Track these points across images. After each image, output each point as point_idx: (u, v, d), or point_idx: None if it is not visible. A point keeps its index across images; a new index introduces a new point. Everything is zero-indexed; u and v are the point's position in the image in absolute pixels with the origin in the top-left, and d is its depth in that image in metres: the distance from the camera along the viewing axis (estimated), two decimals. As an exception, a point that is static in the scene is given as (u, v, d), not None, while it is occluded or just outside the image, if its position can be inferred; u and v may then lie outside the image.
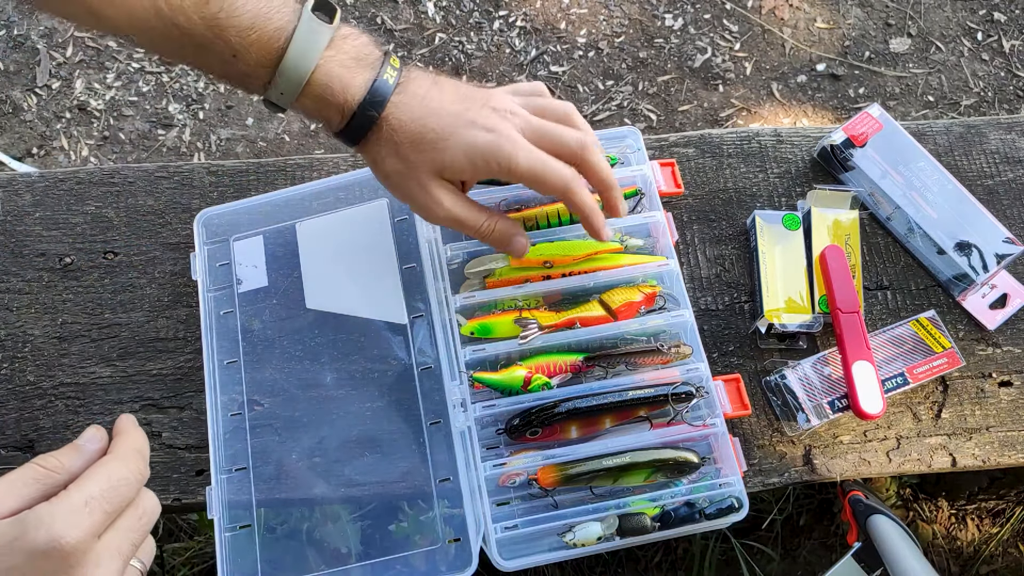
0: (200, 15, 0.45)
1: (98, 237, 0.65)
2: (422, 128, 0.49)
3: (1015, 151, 0.71)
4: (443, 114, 0.50)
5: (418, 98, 0.50)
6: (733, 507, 0.53)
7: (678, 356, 0.56)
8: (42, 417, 0.60)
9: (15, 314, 0.62)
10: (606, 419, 0.55)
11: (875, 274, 0.66)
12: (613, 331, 0.57)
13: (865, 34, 1.58)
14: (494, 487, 0.54)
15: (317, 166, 0.67)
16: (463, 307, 0.58)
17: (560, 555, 0.53)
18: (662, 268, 0.59)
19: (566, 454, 0.54)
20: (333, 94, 0.48)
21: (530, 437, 0.54)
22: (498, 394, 0.56)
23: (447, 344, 0.58)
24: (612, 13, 1.59)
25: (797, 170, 0.69)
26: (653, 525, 0.53)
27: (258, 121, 1.48)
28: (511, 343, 0.57)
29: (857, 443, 0.61)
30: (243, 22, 0.46)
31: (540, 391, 0.56)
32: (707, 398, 0.56)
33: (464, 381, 0.56)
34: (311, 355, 0.60)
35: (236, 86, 0.50)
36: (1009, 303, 0.65)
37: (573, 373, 0.56)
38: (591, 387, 0.56)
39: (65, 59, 1.48)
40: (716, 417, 0.56)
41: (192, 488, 0.59)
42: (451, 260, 0.60)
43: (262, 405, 0.59)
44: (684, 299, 0.59)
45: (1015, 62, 1.56)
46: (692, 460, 0.54)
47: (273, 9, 0.47)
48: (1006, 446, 0.62)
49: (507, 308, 0.58)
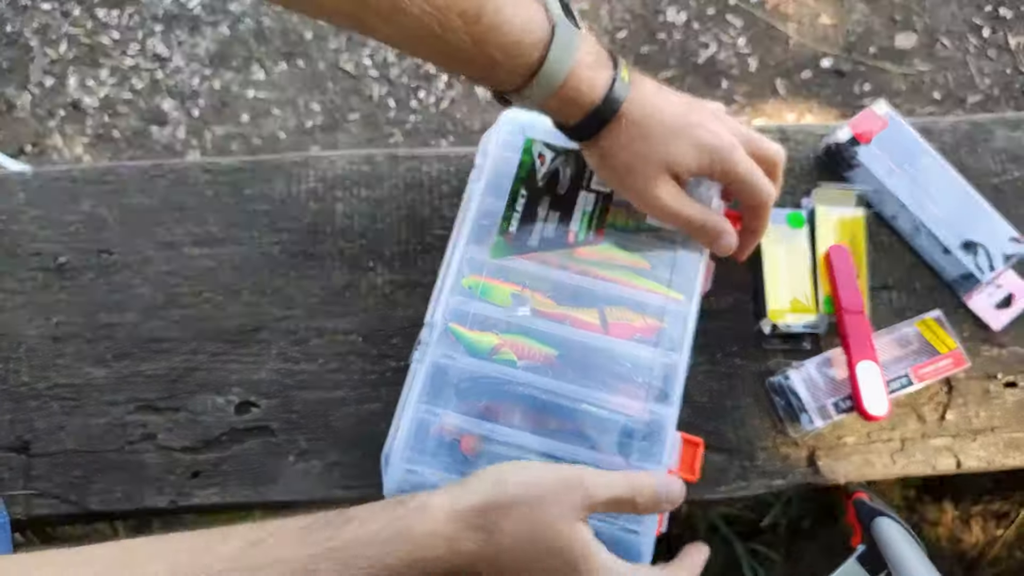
0: (469, 33, 0.47)
1: (92, 236, 0.64)
2: (654, 123, 0.52)
3: (1022, 149, 0.70)
4: (672, 112, 0.53)
5: (649, 96, 0.52)
6: (631, 555, 0.50)
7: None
8: (36, 418, 0.59)
9: (8, 314, 0.62)
10: (552, 420, 0.54)
11: (880, 274, 0.65)
12: (599, 343, 0.56)
13: (870, 30, 1.57)
14: (421, 428, 0.53)
15: (313, 163, 0.67)
16: (471, 259, 0.57)
17: None
18: (675, 306, 0.57)
19: (497, 434, 0.53)
20: (580, 94, 0.50)
21: (473, 402, 0.54)
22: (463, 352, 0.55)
23: (440, 286, 0.57)
24: (614, 8, 1.58)
25: (801, 168, 0.68)
26: None
27: (253, 118, 1.47)
28: (499, 310, 0.56)
29: (861, 445, 0.61)
30: (509, 40, 0.48)
31: (502, 366, 0.54)
32: (656, 445, 0.53)
33: (439, 325, 0.55)
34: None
35: (484, 86, 0.54)
36: (1015, 303, 0.64)
37: (542, 364, 0.55)
38: (551, 385, 0.54)
39: (58, 56, 1.48)
40: (657, 465, 0.53)
41: (187, 490, 0.58)
42: (482, 215, 0.59)
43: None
44: (684, 346, 0.56)
45: (1021, 59, 1.55)
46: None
47: (533, 22, 0.49)
48: (1012, 448, 0.61)
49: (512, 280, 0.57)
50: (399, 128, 1.52)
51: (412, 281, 0.63)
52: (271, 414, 0.60)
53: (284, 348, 0.61)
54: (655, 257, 0.59)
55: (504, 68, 0.49)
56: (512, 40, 0.48)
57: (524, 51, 0.49)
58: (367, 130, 1.52)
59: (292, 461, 0.59)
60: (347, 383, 0.61)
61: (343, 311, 0.62)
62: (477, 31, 0.47)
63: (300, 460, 0.59)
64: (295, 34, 1.58)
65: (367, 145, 1.50)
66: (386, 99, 1.54)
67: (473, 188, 0.60)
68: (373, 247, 0.64)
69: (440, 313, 0.55)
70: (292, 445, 0.59)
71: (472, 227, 0.58)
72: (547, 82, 0.49)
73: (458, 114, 1.50)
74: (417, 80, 1.55)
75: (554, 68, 0.49)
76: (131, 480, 0.58)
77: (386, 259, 0.64)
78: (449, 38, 0.47)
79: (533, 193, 0.59)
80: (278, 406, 0.60)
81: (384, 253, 0.64)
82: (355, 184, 0.66)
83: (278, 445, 0.59)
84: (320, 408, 0.60)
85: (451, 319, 0.55)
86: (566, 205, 0.60)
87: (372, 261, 0.64)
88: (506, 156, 0.60)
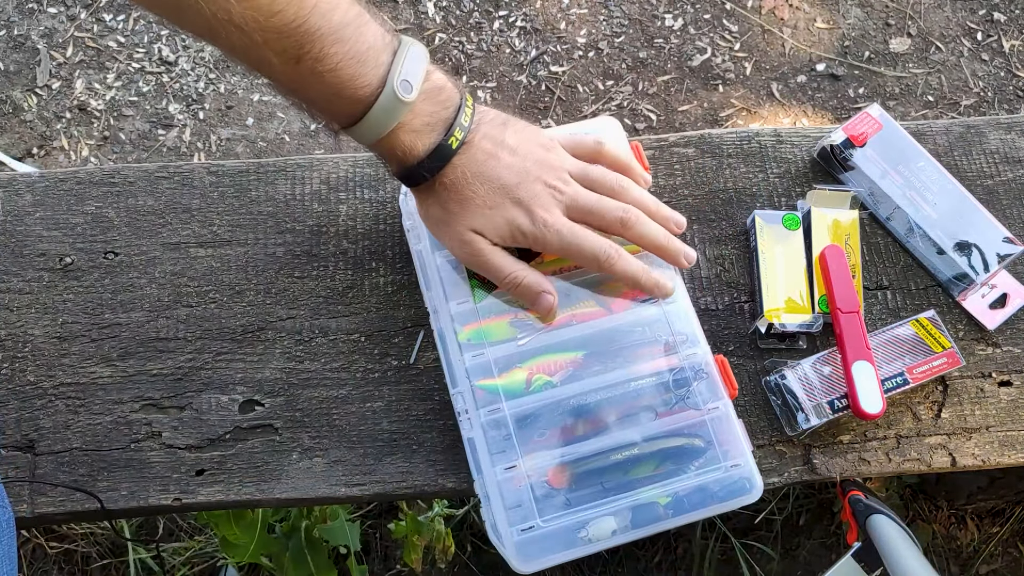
0: (286, 73, 0.46)
1: (98, 237, 0.65)
2: (472, 192, 0.52)
3: (1015, 151, 0.71)
4: (495, 184, 0.52)
5: (477, 163, 0.52)
6: (744, 488, 0.53)
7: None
8: (42, 417, 0.60)
9: (15, 314, 0.63)
10: (611, 413, 0.55)
11: (875, 274, 0.66)
12: (609, 324, 0.57)
13: (865, 34, 1.58)
14: (508, 490, 0.54)
15: (317, 166, 0.68)
16: (458, 313, 0.58)
17: (578, 552, 0.53)
18: (655, 258, 0.59)
19: (574, 453, 0.54)
20: (395, 155, 0.51)
21: (538, 439, 0.55)
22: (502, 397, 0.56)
23: (444, 352, 0.58)
24: (612, 13, 1.59)
25: (797, 170, 0.69)
26: (666, 513, 0.53)
27: (258, 121, 1.48)
28: (510, 344, 0.57)
29: (857, 443, 0.61)
30: (325, 92, 0.48)
31: (543, 391, 0.56)
32: (708, 380, 0.56)
33: (467, 388, 0.56)
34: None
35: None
36: (1009, 303, 0.65)
37: (574, 369, 0.56)
38: (593, 383, 0.56)
39: (65, 59, 1.48)
40: (719, 400, 0.56)
41: (192, 488, 0.59)
42: (441, 268, 0.59)
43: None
44: (679, 286, 0.59)
45: (1015, 62, 1.56)
46: (698, 445, 0.54)
47: (361, 79, 0.48)
48: (1006, 446, 0.62)
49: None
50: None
51: (414, 282, 0.64)
52: (275, 413, 0.61)
53: (288, 347, 0.62)
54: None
55: (322, 111, 0.50)
56: (329, 93, 0.47)
57: (342, 106, 0.48)
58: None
59: (296, 459, 0.59)
60: (350, 382, 0.61)
61: (346, 311, 0.63)
62: (295, 72, 0.46)
63: (304, 458, 0.60)
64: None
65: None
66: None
67: (418, 250, 0.61)
68: (376, 248, 0.65)
69: (460, 378, 0.56)
70: (296, 443, 0.60)
71: (442, 288, 0.58)
72: (362, 137, 0.50)
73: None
74: (416, 84, 1.56)
75: (370, 126, 0.49)
76: (136, 478, 0.59)
77: (388, 260, 0.65)
78: (265, 71, 0.47)
79: None
80: (282, 405, 0.61)
81: (387, 254, 0.65)
82: (358, 186, 0.67)
83: (282, 443, 0.60)
84: (324, 407, 0.61)
85: (475, 378, 0.56)
86: None
87: (375, 262, 0.65)
88: None
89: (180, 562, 1.03)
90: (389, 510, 1.09)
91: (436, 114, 0.51)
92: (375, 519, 1.10)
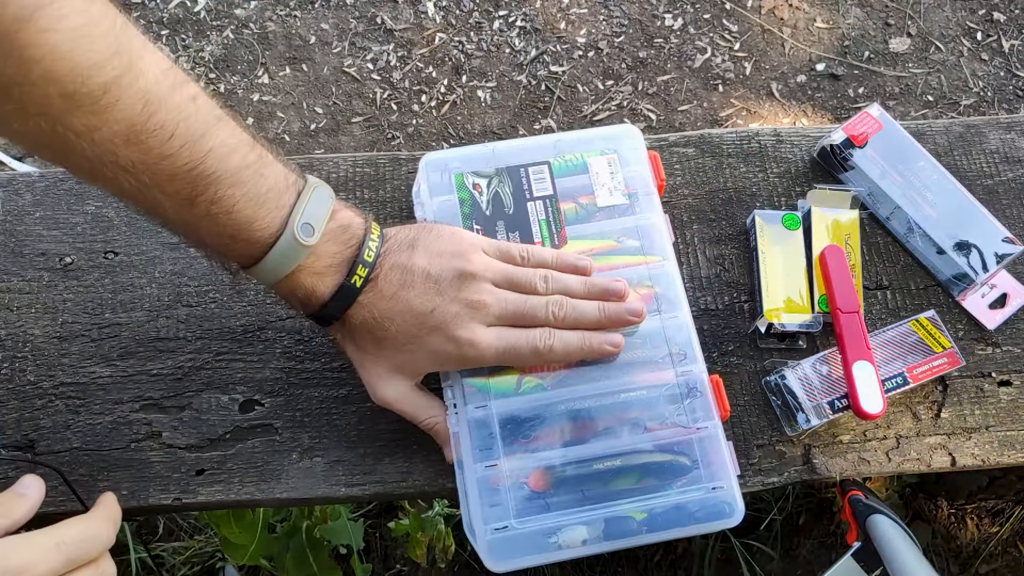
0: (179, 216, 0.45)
1: (98, 237, 0.65)
2: (384, 330, 0.51)
3: (1015, 151, 0.71)
4: (408, 317, 0.51)
5: (386, 298, 0.50)
6: (724, 512, 0.52)
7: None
8: (42, 417, 0.60)
9: (15, 314, 0.63)
10: (599, 422, 0.55)
11: (875, 274, 0.66)
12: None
13: (865, 34, 1.58)
14: (487, 488, 0.54)
15: (317, 165, 0.68)
16: None
17: (548, 557, 0.53)
18: (658, 269, 0.59)
19: (557, 458, 0.54)
20: (297, 297, 0.50)
21: (522, 440, 0.54)
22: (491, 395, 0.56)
23: None
24: (612, 13, 1.59)
25: (797, 170, 0.69)
26: (640, 528, 0.53)
27: (258, 121, 1.48)
28: None
29: (857, 443, 0.62)
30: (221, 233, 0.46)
31: (532, 393, 0.56)
32: (701, 399, 0.56)
33: (457, 383, 0.56)
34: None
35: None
36: (1009, 303, 0.65)
37: (566, 375, 0.56)
38: (584, 391, 0.56)
39: (65, 59, 1.48)
40: (710, 420, 0.55)
41: (192, 488, 0.59)
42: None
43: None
44: (681, 300, 0.59)
45: (1015, 62, 1.56)
46: (683, 463, 0.54)
47: (260, 219, 0.46)
48: (1005, 446, 0.62)
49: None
50: (401, 131, 1.53)
51: (414, 281, 0.64)
52: (275, 412, 0.61)
53: (288, 347, 0.62)
54: (618, 232, 0.60)
55: (220, 252, 0.48)
56: (226, 235, 0.46)
57: (239, 248, 0.47)
58: (370, 133, 1.53)
59: (296, 459, 0.59)
60: (350, 381, 0.61)
61: (346, 311, 0.63)
62: (190, 214, 0.44)
63: (303, 458, 0.60)
64: (299, 38, 1.59)
65: (370, 148, 1.51)
66: (389, 102, 1.55)
67: None
68: (375, 248, 0.65)
69: (452, 372, 0.56)
70: (296, 443, 0.60)
71: None
72: (261, 277, 0.48)
73: (459, 117, 1.51)
74: (419, 84, 1.56)
75: (268, 268, 0.47)
76: (136, 478, 0.59)
77: (388, 260, 0.65)
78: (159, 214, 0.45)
79: (486, 223, 0.60)
80: (282, 405, 0.61)
81: (386, 254, 0.65)
82: (358, 186, 0.67)
83: (282, 443, 0.60)
84: (323, 407, 0.61)
85: (465, 374, 0.56)
86: (521, 221, 0.60)
87: (374, 261, 0.65)
88: (443, 199, 0.61)
89: (180, 561, 1.03)
90: (389, 510, 1.09)
91: (339, 254, 0.49)
92: (375, 519, 1.10)
